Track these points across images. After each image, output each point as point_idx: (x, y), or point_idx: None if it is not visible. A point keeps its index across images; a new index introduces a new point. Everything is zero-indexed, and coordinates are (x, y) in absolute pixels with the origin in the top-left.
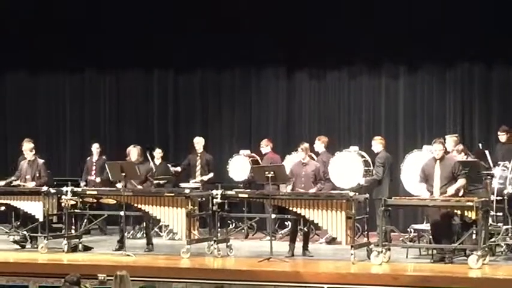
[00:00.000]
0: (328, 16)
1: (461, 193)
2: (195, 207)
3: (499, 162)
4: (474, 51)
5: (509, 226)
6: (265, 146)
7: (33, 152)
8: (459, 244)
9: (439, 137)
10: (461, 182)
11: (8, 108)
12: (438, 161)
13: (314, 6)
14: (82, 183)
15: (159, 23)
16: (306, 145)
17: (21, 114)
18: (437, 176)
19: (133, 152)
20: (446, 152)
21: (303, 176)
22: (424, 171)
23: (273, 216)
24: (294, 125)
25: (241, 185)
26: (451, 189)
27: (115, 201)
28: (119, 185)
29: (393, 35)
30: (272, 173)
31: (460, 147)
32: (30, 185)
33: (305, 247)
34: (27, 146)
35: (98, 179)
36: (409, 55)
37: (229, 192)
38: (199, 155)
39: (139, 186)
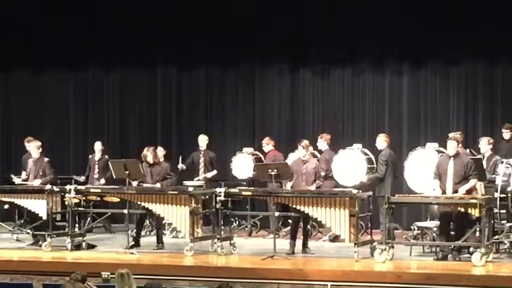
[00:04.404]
0: (331, 13)
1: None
2: (199, 205)
3: (502, 160)
4: (478, 48)
5: None
6: (267, 145)
7: (40, 149)
8: (463, 242)
9: (454, 134)
10: (472, 182)
11: (12, 106)
12: (452, 158)
13: (317, 3)
14: (81, 178)
15: (162, 20)
16: (306, 142)
17: (25, 113)
18: (450, 173)
19: (149, 154)
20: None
21: (304, 174)
22: (438, 168)
23: (276, 214)
24: (297, 122)
25: (245, 183)
26: (462, 190)
27: (118, 199)
28: (135, 183)
29: (397, 32)
30: (275, 170)
31: (457, 135)
32: (35, 182)
33: (305, 245)
34: (35, 144)
35: (102, 181)
36: (413, 53)
37: (232, 190)
38: (202, 152)
39: (158, 185)
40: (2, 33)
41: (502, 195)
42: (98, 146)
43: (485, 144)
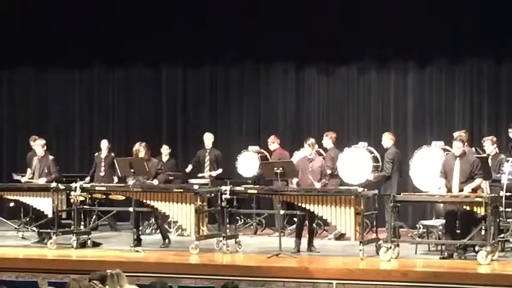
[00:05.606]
0: (336, 11)
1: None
2: (204, 203)
3: (507, 158)
4: (483, 46)
5: None
6: (273, 143)
7: (45, 148)
8: (468, 240)
9: (460, 134)
10: (478, 181)
11: (17, 105)
12: (458, 158)
13: (321, 2)
14: (87, 179)
15: (166, 18)
16: (312, 140)
17: (30, 111)
18: (456, 172)
19: (141, 149)
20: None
21: (310, 172)
22: (445, 166)
23: (282, 212)
24: (302, 120)
25: (250, 181)
26: (468, 188)
27: (124, 197)
28: (131, 182)
29: (402, 30)
30: (281, 168)
31: (462, 134)
32: (40, 181)
33: (310, 243)
34: (39, 142)
35: (116, 179)
36: (418, 51)
37: (238, 188)
38: (208, 150)
39: (156, 181)
40: (7, 32)
41: (508, 194)
42: (104, 143)
43: (489, 145)
